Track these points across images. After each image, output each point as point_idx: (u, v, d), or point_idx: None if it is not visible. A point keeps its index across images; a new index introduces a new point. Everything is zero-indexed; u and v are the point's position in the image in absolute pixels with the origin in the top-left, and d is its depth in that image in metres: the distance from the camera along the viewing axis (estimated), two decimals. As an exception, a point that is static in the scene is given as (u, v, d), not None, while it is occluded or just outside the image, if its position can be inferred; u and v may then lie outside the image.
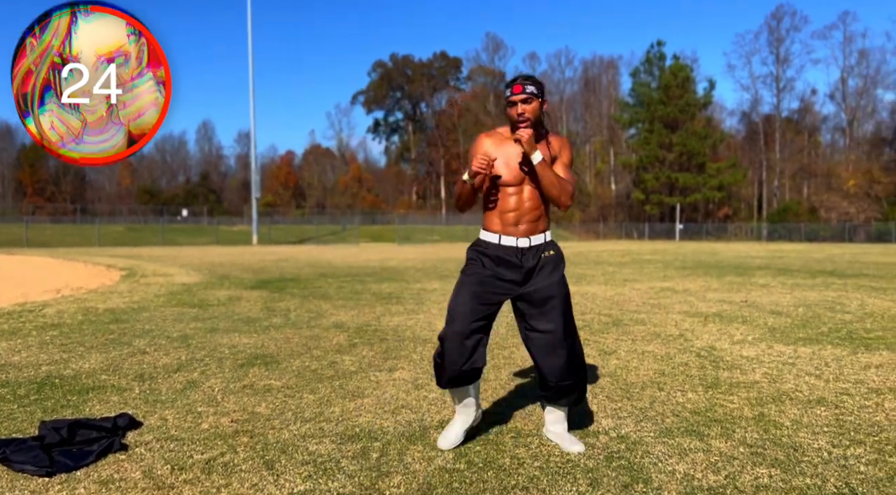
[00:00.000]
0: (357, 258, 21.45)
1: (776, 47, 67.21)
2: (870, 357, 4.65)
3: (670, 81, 59.50)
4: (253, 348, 5.29)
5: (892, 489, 2.37)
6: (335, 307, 7.94)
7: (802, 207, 57.59)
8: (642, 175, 61.33)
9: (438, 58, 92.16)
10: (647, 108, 61.18)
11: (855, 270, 13.95)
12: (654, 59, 63.79)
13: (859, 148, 63.09)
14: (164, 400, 3.75)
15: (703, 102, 61.38)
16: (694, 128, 59.18)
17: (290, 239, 48.67)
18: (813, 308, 7.41)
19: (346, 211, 75.26)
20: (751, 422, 3.18)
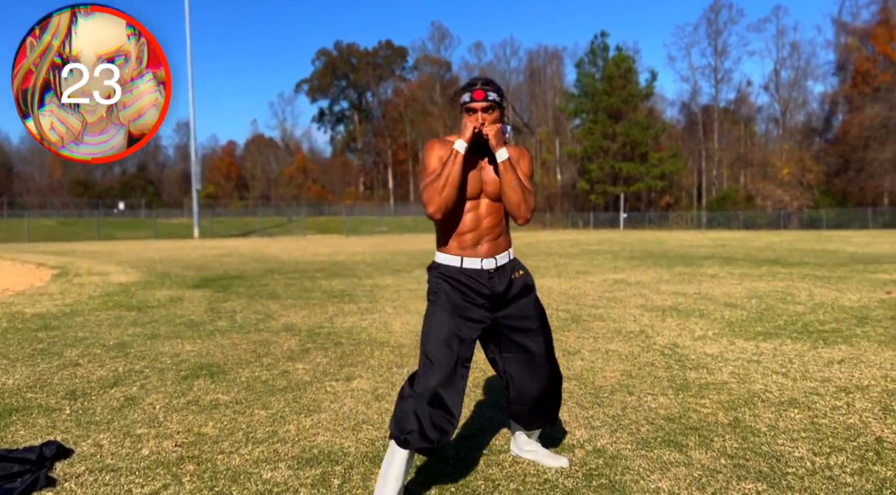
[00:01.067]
0: (304, 251, 20.96)
1: (714, 39, 68.94)
2: (830, 352, 4.64)
3: (614, 72, 60.35)
4: (197, 357, 4.95)
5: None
6: (284, 307, 7.61)
7: (740, 195, 59.35)
8: (587, 165, 62.14)
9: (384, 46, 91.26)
10: (591, 98, 61.92)
11: (796, 258, 14.31)
12: (597, 50, 64.54)
13: (792, 138, 65.31)
14: (98, 422, 3.42)
15: (645, 93, 62.49)
16: (637, 118, 60.22)
17: (234, 231, 47.50)
18: (765, 299, 7.46)
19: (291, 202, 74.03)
20: (727, 429, 3.07)
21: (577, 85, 65.67)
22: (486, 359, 2.73)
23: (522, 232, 52.04)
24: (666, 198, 64.49)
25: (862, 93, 58.79)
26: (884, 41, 59.28)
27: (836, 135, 60.96)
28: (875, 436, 2.90)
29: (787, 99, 67.77)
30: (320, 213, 65.75)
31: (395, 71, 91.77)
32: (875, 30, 60.55)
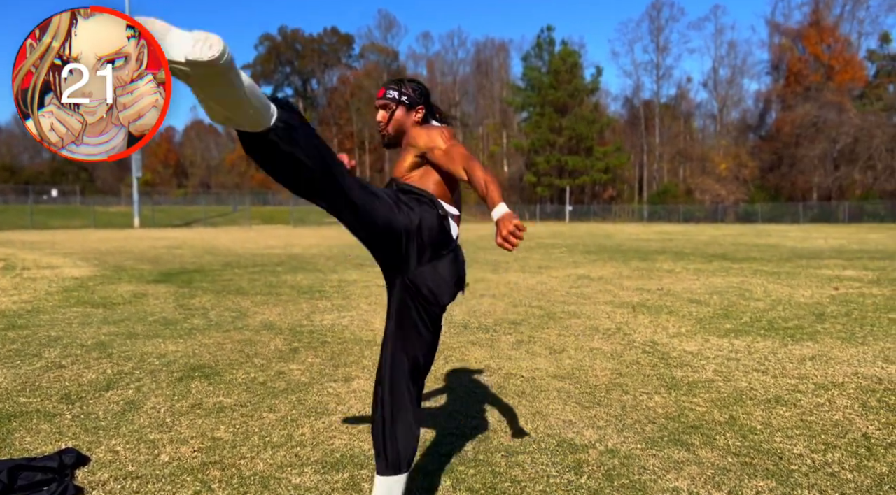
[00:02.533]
0: (257, 244, 20.65)
1: (656, 36, 70.67)
2: (800, 349, 4.93)
3: (560, 66, 61.17)
4: (185, 357, 4.90)
5: (888, 491, 2.49)
6: (256, 304, 7.55)
7: (680, 189, 61.19)
8: (534, 158, 62.92)
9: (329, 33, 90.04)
10: (538, 92, 62.65)
11: (742, 253, 14.92)
12: (543, 44, 65.30)
13: (729, 134, 67.65)
14: (105, 427, 3.39)
15: (590, 88, 63.60)
16: (582, 112, 61.27)
17: (175, 221, 46.26)
18: (725, 295, 7.81)
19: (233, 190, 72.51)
20: (726, 428, 3.26)
21: (524, 78, 66.35)
22: (486, 367, 2.81)
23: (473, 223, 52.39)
24: (609, 192, 65.95)
25: (794, 92, 61.30)
26: (815, 42, 61.90)
27: (770, 133, 63.39)
28: (862, 433, 3.14)
29: (725, 96, 70.14)
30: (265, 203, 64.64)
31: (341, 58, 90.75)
32: (806, 31, 63.13)
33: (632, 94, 73.82)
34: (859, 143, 54.45)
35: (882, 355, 4.67)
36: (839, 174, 56.26)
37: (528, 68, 65.24)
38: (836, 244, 18.50)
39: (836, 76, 59.27)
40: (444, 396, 3.94)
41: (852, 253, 14.80)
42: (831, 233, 25.79)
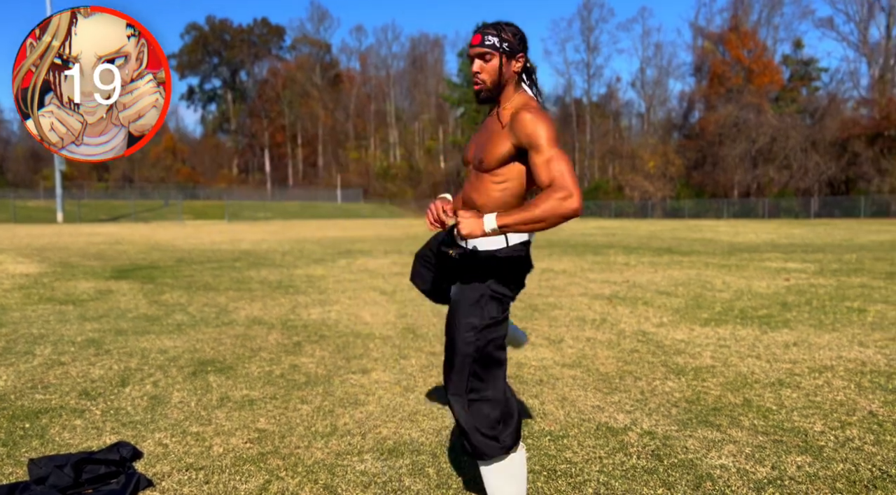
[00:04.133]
0: (200, 239, 20.14)
1: (587, 36, 72.41)
2: (780, 336, 5.28)
3: (496, 64, 61.79)
4: (188, 352, 4.84)
5: (905, 462, 2.76)
6: (232, 299, 7.45)
7: (611, 186, 62.99)
8: (472, 154, 63.38)
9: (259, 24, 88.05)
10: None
11: (686, 247, 15.59)
12: (479, 40, 65.80)
13: (656, 133, 70.01)
14: (141, 422, 3.35)
15: (525, 85, 64.54)
16: (518, 110, 62.11)
17: (102, 216, 44.46)
18: (689, 287, 8.21)
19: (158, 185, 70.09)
20: (745, 409, 3.50)
21: (461, 74, 66.77)
22: None
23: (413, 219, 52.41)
24: (545, 188, 67.16)
25: (717, 93, 63.99)
26: (736, 46, 64.71)
27: (695, 132, 65.93)
28: (868, 411, 3.44)
29: (652, 96, 72.57)
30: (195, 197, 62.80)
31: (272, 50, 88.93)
32: (727, 35, 65.92)
33: (563, 93, 75.45)
34: (776, 143, 57.36)
35: (856, 340, 5.07)
36: (758, 172, 59.09)
37: (464, 64, 65.63)
38: (767, 239, 19.53)
39: (755, 79, 62.12)
40: (467, 385, 4.05)
41: (785, 247, 15.69)
42: (758, 229, 27.16)
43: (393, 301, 7.31)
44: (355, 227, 32.16)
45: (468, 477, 2.71)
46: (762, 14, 66.83)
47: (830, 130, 55.29)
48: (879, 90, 56.61)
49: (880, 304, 6.71)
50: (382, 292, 7.98)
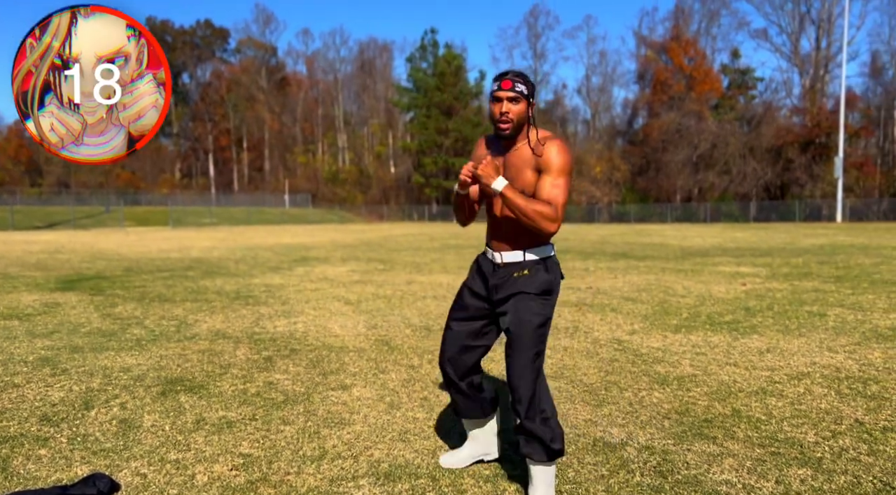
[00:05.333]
0: (147, 247, 19.47)
1: (534, 43, 73.35)
2: (752, 342, 5.35)
3: (445, 69, 62.00)
4: (153, 370, 4.59)
5: (902, 472, 2.79)
6: (190, 311, 7.16)
7: (559, 192, 63.77)
8: (422, 159, 63.36)
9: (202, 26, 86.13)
10: (424, 93, 63.16)
11: (640, 252, 15.83)
12: (427, 46, 65.92)
13: (601, 139, 71.37)
14: (113, 449, 3.13)
15: (475, 91, 64.90)
16: (468, 115, 62.42)
17: (36, 223, 42.64)
18: (652, 292, 8.30)
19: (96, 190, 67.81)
20: (735, 420, 3.50)
21: (410, 79, 66.68)
22: None
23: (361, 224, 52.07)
24: (495, 193, 67.63)
25: (660, 100, 65.66)
26: (677, 55, 66.52)
27: (639, 138, 67.45)
28: (854, 419, 3.48)
29: (597, 102, 73.98)
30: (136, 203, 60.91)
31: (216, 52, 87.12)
32: (669, 44, 67.73)
33: (512, 99, 76.03)
34: (716, 149, 59.17)
35: (824, 346, 5.17)
36: (699, 177, 60.82)
37: (414, 69, 65.66)
38: (713, 243, 20.03)
39: (696, 87, 63.93)
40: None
41: (733, 250, 16.10)
42: (703, 233, 27.87)
43: (359, 311, 7.14)
44: (306, 233, 31.66)
45: (472, 500, 2.61)
46: (702, 24, 68.97)
47: (766, 137, 57.36)
48: (810, 99, 59.05)
49: (837, 308, 6.89)
50: (347, 302, 7.81)
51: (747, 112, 62.16)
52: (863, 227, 32.89)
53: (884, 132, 58.74)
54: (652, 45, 70.69)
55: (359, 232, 33.76)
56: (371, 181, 69.49)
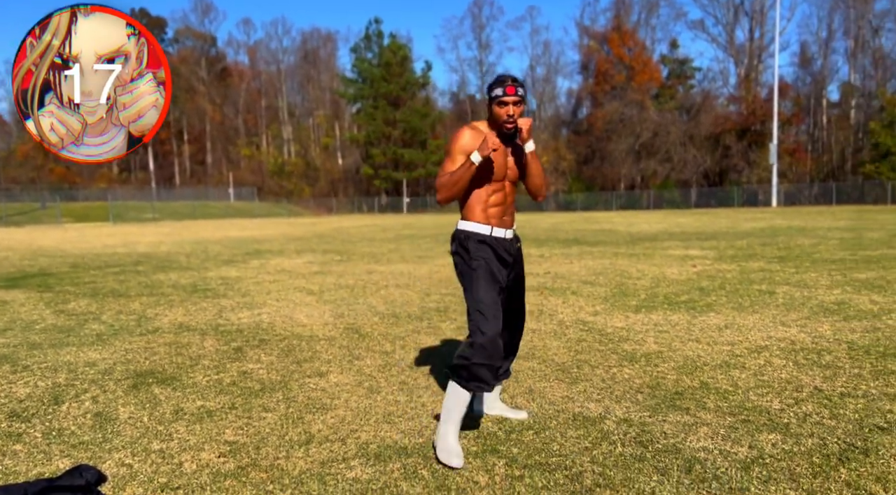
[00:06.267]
0: (90, 243, 18.85)
1: (479, 34, 73.58)
2: (709, 320, 5.56)
3: (391, 59, 61.64)
4: (120, 364, 4.50)
5: (872, 433, 2.97)
6: (148, 306, 7.01)
7: (507, 181, 64.36)
8: (370, 150, 62.94)
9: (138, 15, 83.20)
10: (370, 84, 62.69)
11: (591, 238, 16.16)
12: (372, 36, 65.41)
13: (547, 129, 72.23)
14: (92, 442, 3.07)
15: (421, 82, 64.76)
16: (415, 106, 62.27)
17: (-34, 220, 40.67)
18: (608, 276, 8.51)
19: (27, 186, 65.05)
20: (704, 392, 3.65)
21: (355, 70, 66.04)
22: (448, 353, 3.05)
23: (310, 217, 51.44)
24: (444, 184, 67.73)
25: (603, 90, 66.82)
26: (618, 45, 67.74)
27: (584, 128, 68.56)
28: (814, 387, 3.68)
29: (542, 93, 74.76)
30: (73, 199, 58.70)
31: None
32: (611, 35, 68.91)
33: (458, 90, 76.34)
34: (658, 138, 60.69)
35: (777, 320, 5.42)
36: (642, 166, 62.28)
37: (359, 60, 65.06)
38: (659, 228, 20.59)
39: (637, 77, 65.28)
40: (436, 385, 3.99)
41: (679, 235, 16.59)
42: (648, 219, 28.60)
43: (323, 301, 7.11)
44: (255, 227, 31.15)
45: (465, 477, 2.67)
46: (641, 15, 70.36)
47: (705, 126, 59.14)
48: (746, 88, 61.05)
49: (784, 286, 7.21)
50: (309, 292, 7.76)
51: (686, 101, 63.86)
52: (797, 211, 34.31)
53: (813, 119, 61.26)
54: (594, 35, 71.80)
55: (309, 224, 33.40)
56: (318, 173, 68.65)
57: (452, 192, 2.91)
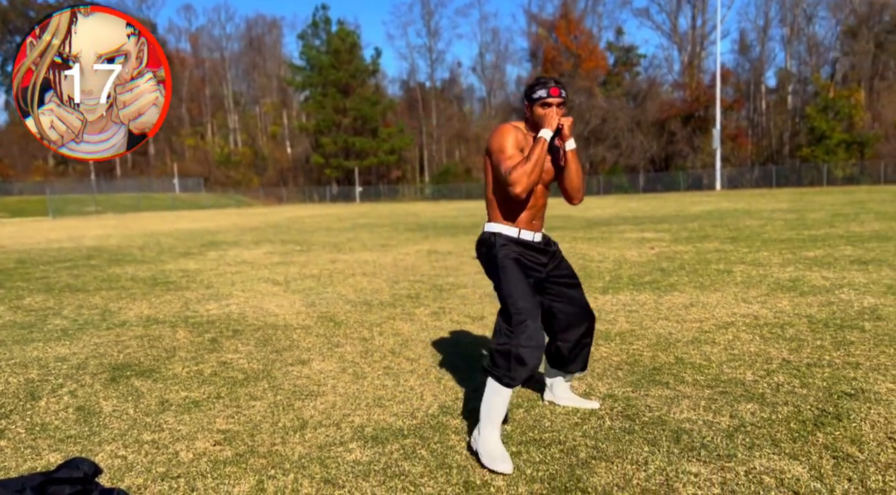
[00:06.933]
0: (34, 238, 18.19)
1: (427, 20, 73.27)
2: (675, 299, 5.75)
3: (339, 47, 60.89)
4: (93, 358, 4.40)
5: (841, 399, 3.15)
6: (110, 299, 6.84)
7: (460, 169, 64.55)
8: (320, 139, 62.15)
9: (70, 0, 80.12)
10: (318, 72, 61.82)
11: (548, 223, 16.19)
12: (319, 23, 64.44)
13: (497, 116, 72.58)
14: (80, 435, 3.03)
15: (371, 69, 64.21)
16: (365, 93, 61.71)
17: None
18: (571, 259, 8.47)
19: (-49, 179, 62.27)
20: (681, 367, 3.79)
21: (303, 57, 65.03)
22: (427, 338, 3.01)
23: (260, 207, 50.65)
24: (396, 172, 67.50)
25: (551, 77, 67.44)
26: (565, 33, 68.38)
27: (534, 115, 69.01)
28: (782, 358, 3.86)
29: (492, 80, 75.06)
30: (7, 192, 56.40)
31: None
32: (558, 22, 69.51)
33: (408, 77, 75.95)
34: (606, 124, 61.67)
35: (739, 298, 5.64)
36: (591, 152, 63.20)
37: (306, 47, 64.04)
38: (612, 212, 21.01)
39: (584, 64, 66.04)
40: (421, 369, 4.04)
41: (632, 219, 16.98)
42: (600, 204, 29.12)
43: (290, 291, 7.07)
44: (206, 218, 30.51)
45: (464, 454, 2.73)
46: (588, 3, 71.13)
47: (651, 112, 60.37)
48: (689, 75, 62.52)
49: (740, 265, 7.49)
50: (275, 283, 7.69)
51: (633, 88, 65.00)
52: (740, 194, 35.43)
53: (753, 105, 63.16)
54: (542, 23, 72.28)
55: (261, 215, 32.88)
56: (267, 163, 67.53)
57: (533, 177, 2.70)
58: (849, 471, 2.41)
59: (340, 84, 60.84)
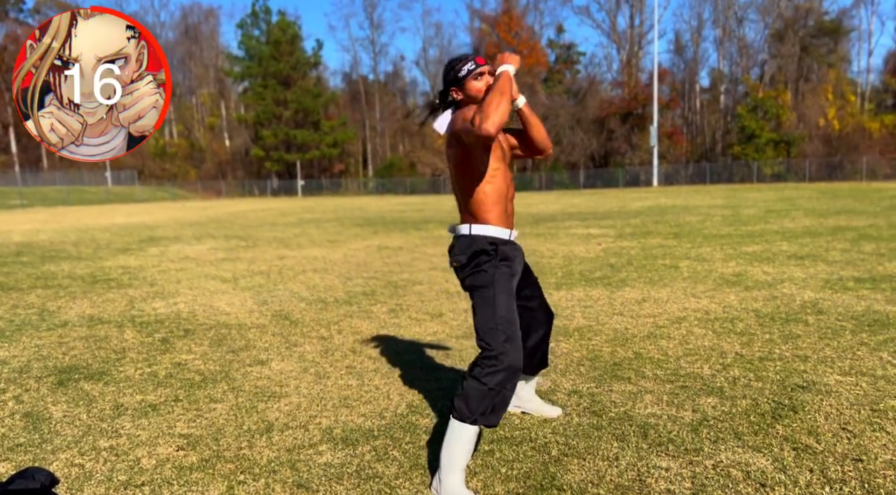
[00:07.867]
0: (-46, 232, 17.19)
1: (370, 13, 72.88)
2: (627, 294, 5.87)
3: (280, 37, 59.72)
4: (36, 360, 4.20)
5: (795, 391, 3.27)
6: (46, 299, 6.54)
7: (404, 163, 64.31)
8: (260, 131, 60.86)
9: (-6, -18, 75.97)
10: (258, 62, 60.50)
11: (493, 220, 16.47)
12: (259, 12, 63.07)
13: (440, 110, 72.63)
14: (30, 443, 2.88)
15: (313, 61, 63.21)
16: (307, 86, 60.72)
17: None
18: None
19: None
20: (640, 362, 3.87)
21: (242, 47, 63.51)
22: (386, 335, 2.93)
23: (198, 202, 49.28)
24: (339, 166, 66.72)
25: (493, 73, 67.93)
26: (506, 30, 68.94)
27: (477, 110, 69.33)
28: (735, 353, 3.98)
29: (435, 74, 74.98)
30: (-77, 185, 53.14)
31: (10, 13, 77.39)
32: (501, 18, 69.99)
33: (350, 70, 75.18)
34: (548, 121, 62.38)
35: (688, 293, 5.80)
36: (532, 148, 63.98)
37: (245, 37, 62.55)
38: (556, 208, 21.32)
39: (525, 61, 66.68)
40: (384, 368, 4.00)
41: (576, 215, 17.27)
42: (543, 200, 29.50)
43: (240, 288, 6.90)
44: (143, 212, 29.50)
45: (437, 456, 2.72)
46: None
47: (591, 109, 61.48)
48: (628, 73, 63.98)
49: (685, 260, 7.71)
50: (223, 280, 7.50)
51: (573, 85, 66.04)
52: (677, 190, 36.48)
53: (688, 104, 65.07)
54: (485, 18, 72.61)
55: (200, 209, 31.99)
56: (205, 155, 65.69)
57: (502, 109, 2.32)
58: (809, 463, 2.51)
59: (281, 75, 59.70)
